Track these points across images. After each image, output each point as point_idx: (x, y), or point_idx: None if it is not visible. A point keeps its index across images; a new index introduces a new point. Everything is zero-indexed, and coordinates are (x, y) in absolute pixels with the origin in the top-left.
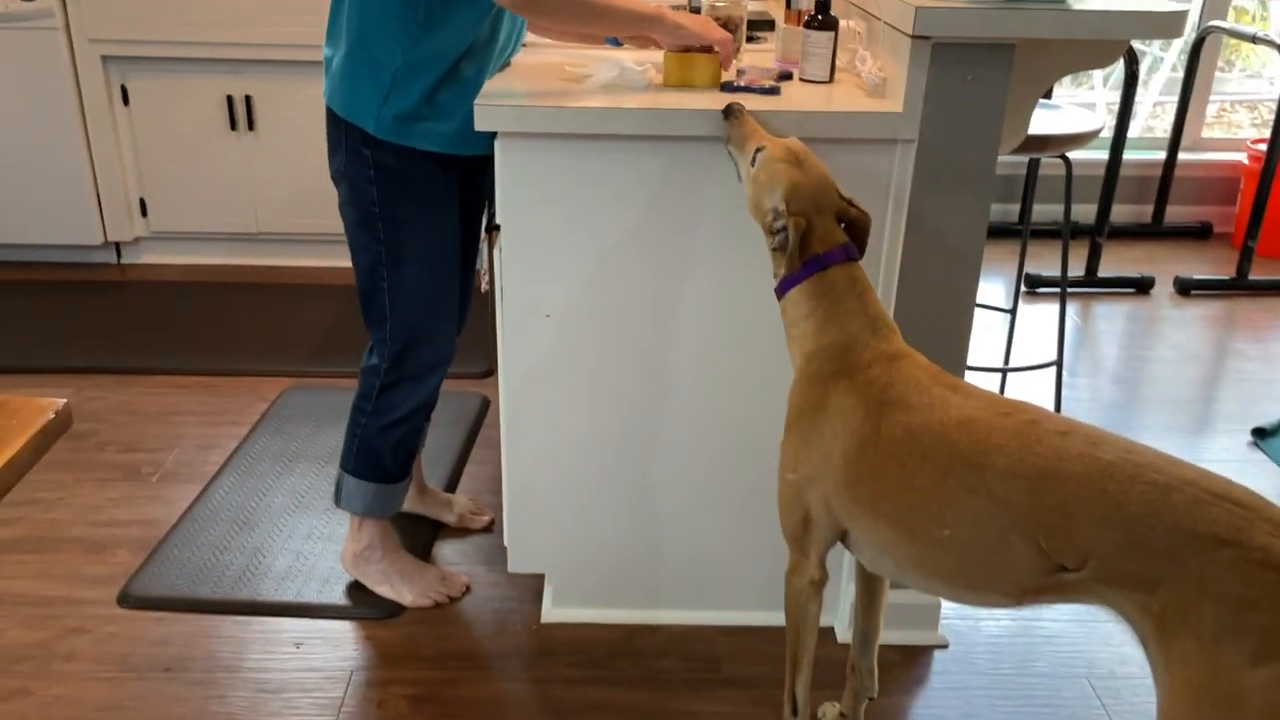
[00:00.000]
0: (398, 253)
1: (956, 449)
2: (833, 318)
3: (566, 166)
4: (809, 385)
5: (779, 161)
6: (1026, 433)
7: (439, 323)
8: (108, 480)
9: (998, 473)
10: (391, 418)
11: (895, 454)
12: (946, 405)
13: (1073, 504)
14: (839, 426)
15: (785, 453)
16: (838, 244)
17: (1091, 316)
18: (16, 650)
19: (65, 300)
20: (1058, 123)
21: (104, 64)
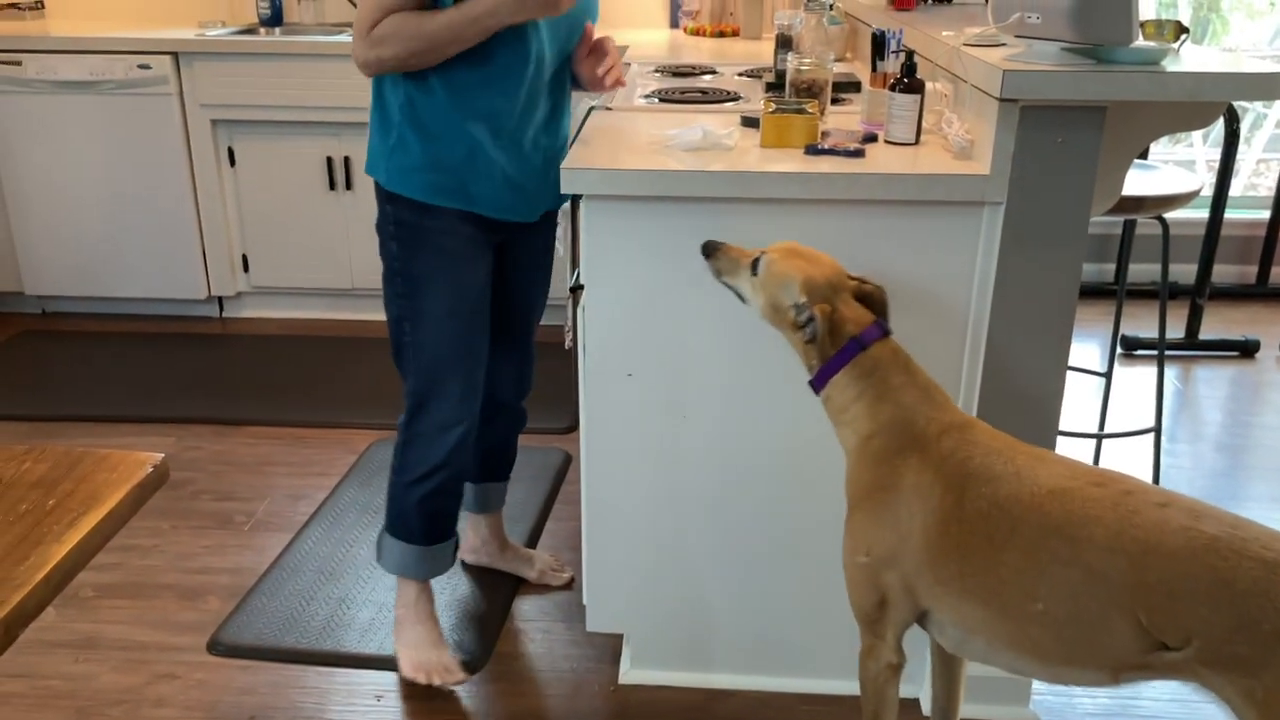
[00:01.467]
0: (416, 308)
1: (1049, 520)
2: (885, 394)
3: (650, 228)
4: (875, 465)
5: (784, 260)
6: (1123, 504)
7: (452, 382)
8: (202, 528)
9: (1095, 546)
10: (410, 476)
11: (982, 528)
12: (1035, 475)
13: (1177, 581)
14: (916, 504)
15: (854, 536)
16: (869, 322)
17: (1192, 380)
18: (110, 694)
19: (170, 352)
20: (1154, 184)
21: (213, 127)
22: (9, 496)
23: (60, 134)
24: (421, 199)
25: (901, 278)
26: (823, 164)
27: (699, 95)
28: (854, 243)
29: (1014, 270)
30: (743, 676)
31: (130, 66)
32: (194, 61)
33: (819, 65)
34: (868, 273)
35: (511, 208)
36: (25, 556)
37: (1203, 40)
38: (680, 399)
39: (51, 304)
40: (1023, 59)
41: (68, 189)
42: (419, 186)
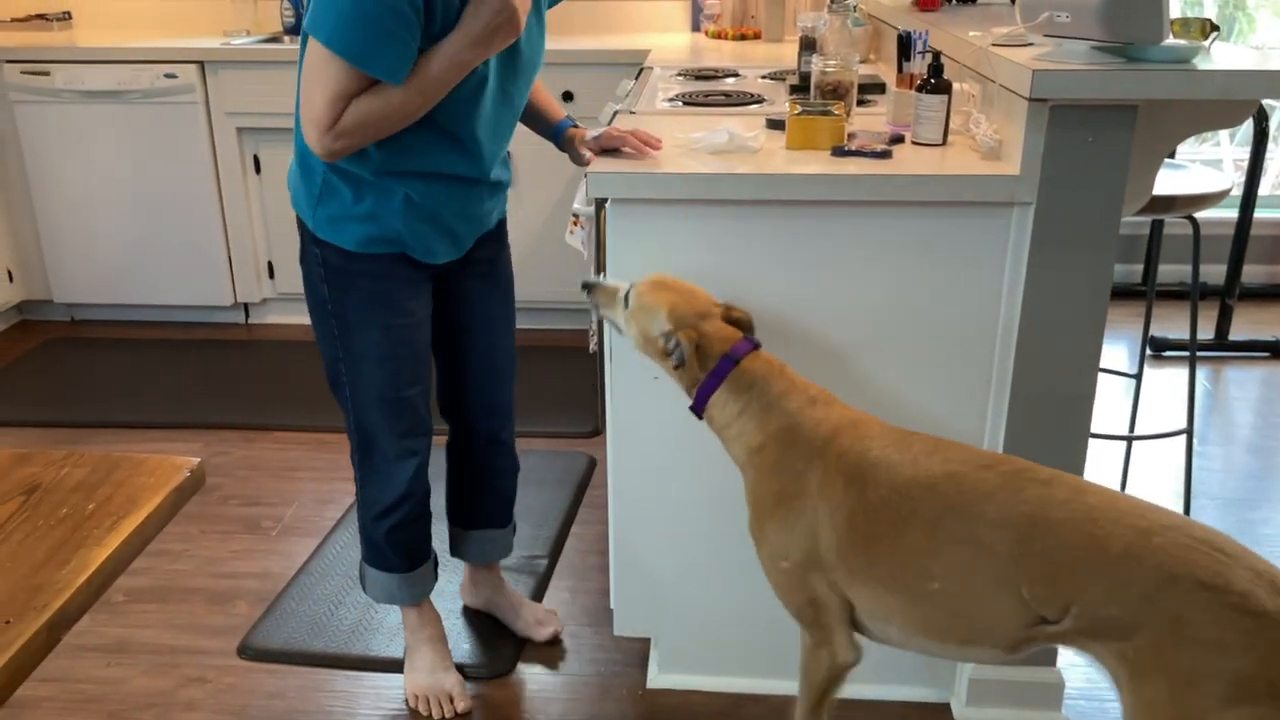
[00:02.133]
0: (350, 351)
1: (944, 500)
2: (769, 405)
3: (676, 232)
4: (772, 474)
5: (648, 292)
6: (1012, 482)
7: (395, 420)
8: (230, 533)
9: (986, 521)
10: (374, 511)
11: (885, 515)
12: (930, 461)
13: (1057, 551)
14: (822, 505)
15: (770, 544)
16: (738, 338)
17: (1222, 382)
18: (141, 698)
19: (197, 358)
20: (1184, 183)
21: (238, 135)
22: (48, 501)
23: (88, 143)
24: (353, 249)
25: (930, 280)
26: (850, 165)
27: (722, 98)
28: (882, 245)
29: (1044, 271)
30: (771, 681)
31: (156, 76)
32: (219, 70)
33: (844, 67)
34: (890, 280)
35: (448, 251)
36: (66, 560)
37: (1229, 38)
38: None
39: (80, 311)
40: (1052, 58)
41: (95, 198)
42: (350, 237)
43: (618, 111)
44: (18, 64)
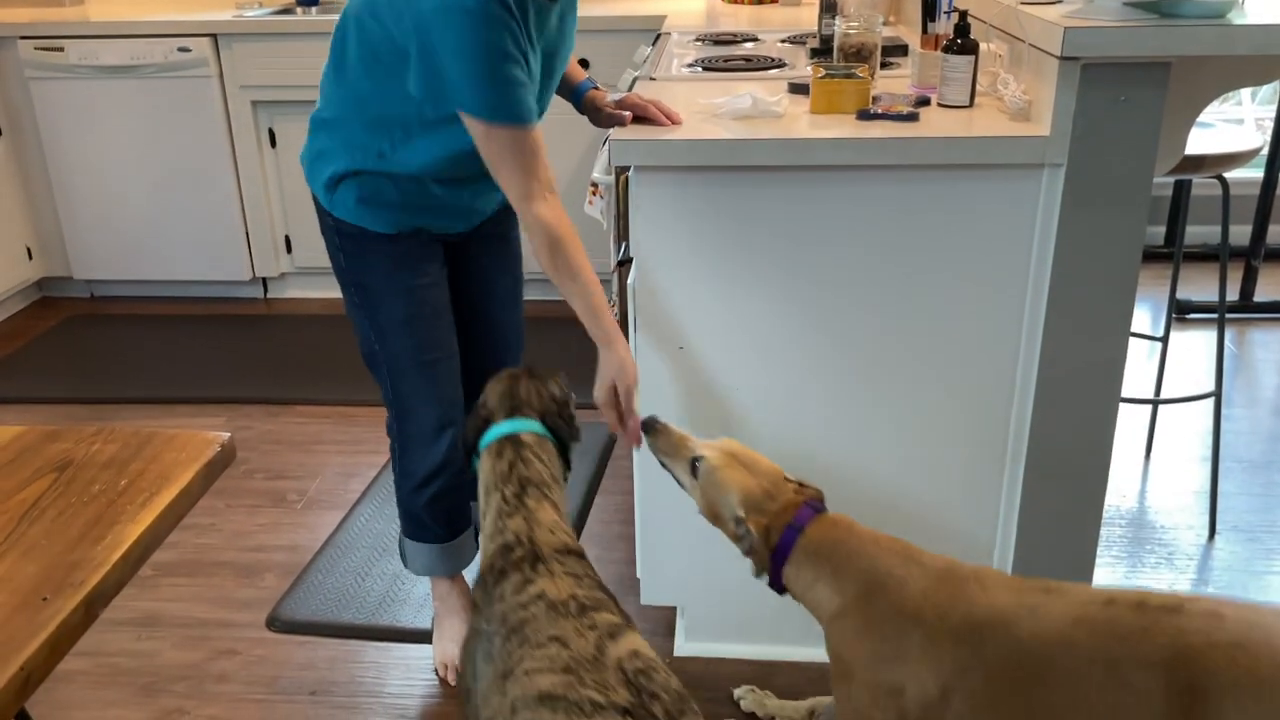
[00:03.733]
0: (377, 318)
1: (1081, 650)
2: (844, 565)
3: (701, 199)
4: (862, 639)
5: (722, 470)
6: (1140, 617)
7: (429, 385)
8: (257, 507)
9: (1132, 664)
10: (415, 481)
11: (1011, 674)
12: (1048, 606)
13: (1203, 679)
14: (927, 673)
15: (860, 703)
16: (799, 504)
17: (1248, 344)
18: (173, 670)
19: (217, 333)
20: (1213, 142)
21: (253, 108)
22: (81, 478)
23: (103, 119)
24: (365, 227)
25: (958, 244)
26: (876, 129)
27: (742, 63)
28: (909, 209)
29: (1075, 233)
30: (799, 649)
31: (170, 50)
32: (233, 43)
33: (867, 29)
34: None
35: (464, 226)
36: (102, 536)
37: None
38: (731, 371)
39: (99, 288)
40: (1083, 15)
41: (112, 173)
42: (366, 218)
43: (637, 78)
44: (32, 40)
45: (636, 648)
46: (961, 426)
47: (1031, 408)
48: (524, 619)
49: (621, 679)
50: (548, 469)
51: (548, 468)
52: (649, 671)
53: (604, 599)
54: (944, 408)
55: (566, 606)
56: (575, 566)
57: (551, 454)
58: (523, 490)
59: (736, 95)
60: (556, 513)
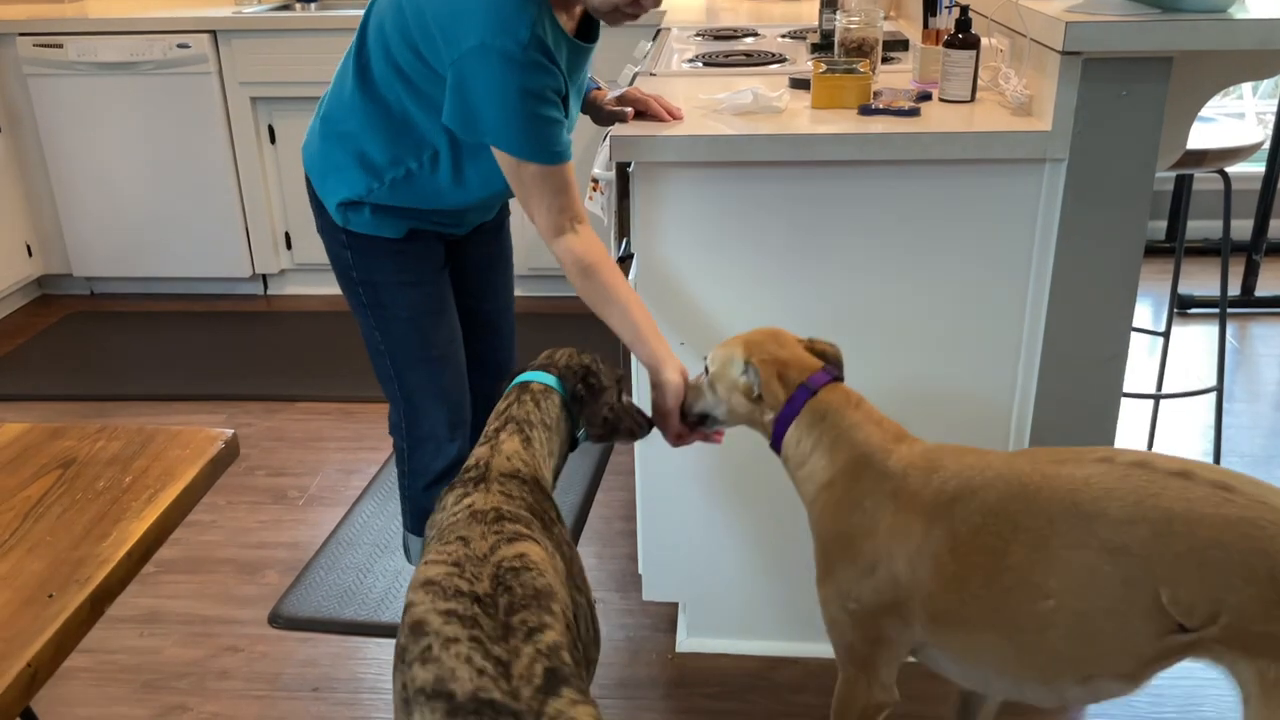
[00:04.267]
0: (384, 314)
1: (1057, 503)
2: (839, 438)
3: (702, 195)
4: (842, 512)
5: (723, 346)
6: (1136, 475)
7: (444, 381)
8: (258, 504)
9: (1111, 520)
10: (427, 478)
11: (978, 544)
12: (1018, 469)
13: (1208, 550)
14: (897, 547)
15: (837, 584)
16: (817, 368)
17: (1249, 338)
18: (175, 667)
19: (217, 330)
20: (1214, 137)
21: (253, 105)
22: (85, 475)
23: (102, 115)
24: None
25: (960, 239)
26: (878, 124)
27: (743, 58)
28: (911, 204)
29: (1077, 229)
30: (801, 644)
31: (169, 46)
32: (232, 39)
33: (868, 24)
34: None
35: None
36: (106, 533)
37: None
38: None
39: (99, 285)
40: (1084, 10)
41: (111, 170)
42: (379, 227)
43: (637, 74)
44: (30, 36)
45: (525, 551)
46: (963, 423)
47: (1034, 403)
48: (450, 524)
49: (492, 573)
50: (538, 412)
51: (539, 411)
52: (520, 570)
53: (526, 516)
54: (946, 404)
55: (485, 515)
56: (513, 488)
57: (552, 404)
58: (503, 426)
59: (737, 91)
60: (522, 445)
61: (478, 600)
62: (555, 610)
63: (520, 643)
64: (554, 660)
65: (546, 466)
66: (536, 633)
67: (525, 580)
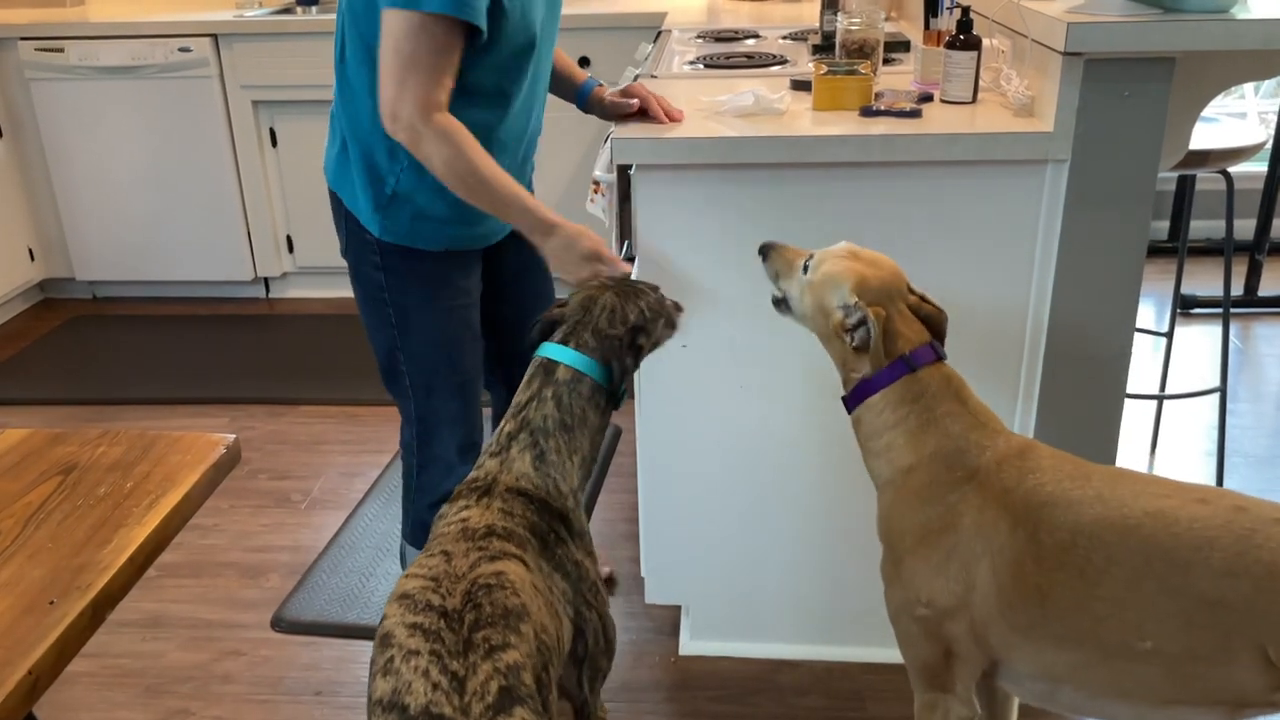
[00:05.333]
0: (410, 337)
1: (1153, 546)
2: (929, 423)
3: (704, 197)
4: (921, 503)
5: (838, 259)
6: (1237, 521)
7: (462, 408)
8: (261, 507)
9: (1212, 570)
10: (434, 497)
11: (1067, 562)
12: (1120, 495)
13: None
14: (980, 546)
15: (906, 586)
16: (923, 342)
17: (1252, 338)
18: (178, 671)
19: (219, 333)
20: (1217, 137)
21: (254, 108)
22: (86, 480)
23: (104, 119)
24: (418, 247)
25: (962, 240)
26: (879, 125)
27: (744, 60)
28: (913, 205)
29: (1079, 230)
30: (805, 646)
31: (171, 50)
32: (233, 43)
33: (869, 25)
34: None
35: (500, 231)
36: (108, 540)
37: None
38: (736, 370)
39: (101, 289)
40: (1086, 10)
41: (113, 174)
42: (416, 237)
43: (638, 75)
44: (32, 40)
45: (504, 570)
46: None
47: (1037, 404)
48: (439, 535)
49: (466, 589)
50: (559, 414)
51: (561, 413)
52: (493, 588)
53: (521, 535)
54: None
55: (476, 532)
56: (516, 505)
57: (581, 395)
58: (518, 432)
59: (739, 93)
60: (534, 463)
61: (445, 615)
62: (523, 631)
63: (479, 659)
64: (511, 679)
65: (566, 472)
66: (498, 651)
67: (496, 599)
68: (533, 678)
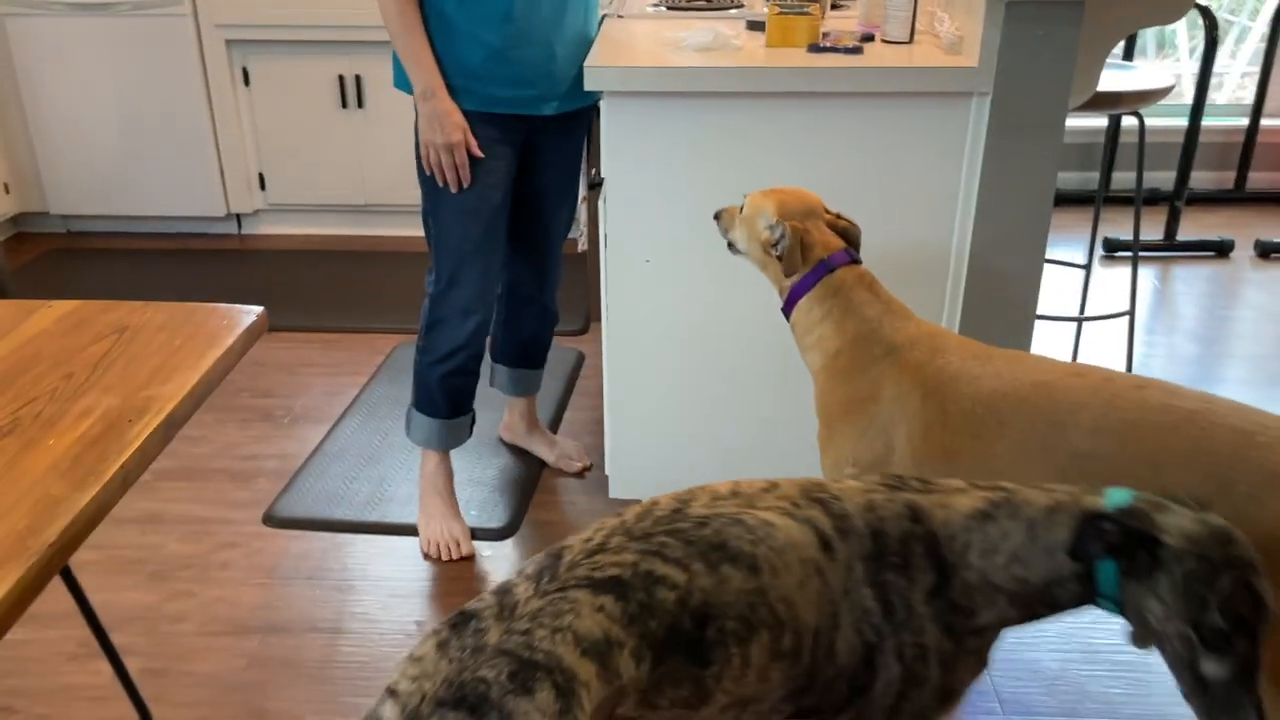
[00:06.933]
0: (435, 197)
1: (1038, 411)
2: (849, 311)
3: (667, 123)
4: (848, 379)
5: (761, 196)
6: (1104, 389)
7: (471, 273)
8: (247, 421)
9: (1082, 429)
10: (434, 356)
11: (969, 427)
12: (1014, 372)
13: (1160, 454)
14: (898, 413)
15: (838, 450)
16: (838, 248)
17: (1170, 279)
18: (178, 560)
19: (194, 267)
20: (1131, 81)
21: (227, 48)
22: (140, 338)
23: (79, 56)
24: (459, 105)
25: (898, 165)
26: (825, 60)
27: (704, 3)
28: (855, 134)
29: (999, 155)
30: None
31: None
32: None
33: None
34: (860, 177)
35: (530, 103)
36: (169, 379)
37: None
38: (695, 281)
39: (76, 223)
40: None
41: (87, 109)
42: (452, 91)
43: (605, 15)
44: None
45: (774, 523)
46: None
47: (960, 315)
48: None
49: (700, 514)
50: (1042, 521)
51: (1040, 527)
52: (728, 524)
53: (857, 527)
54: None
55: (808, 486)
56: (891, 510)
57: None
58: (994, 494)
59: (699, 30)
60: (975, 519)
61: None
62: (725, 573)
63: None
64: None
65: (991, 556)
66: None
67: (720, 529)
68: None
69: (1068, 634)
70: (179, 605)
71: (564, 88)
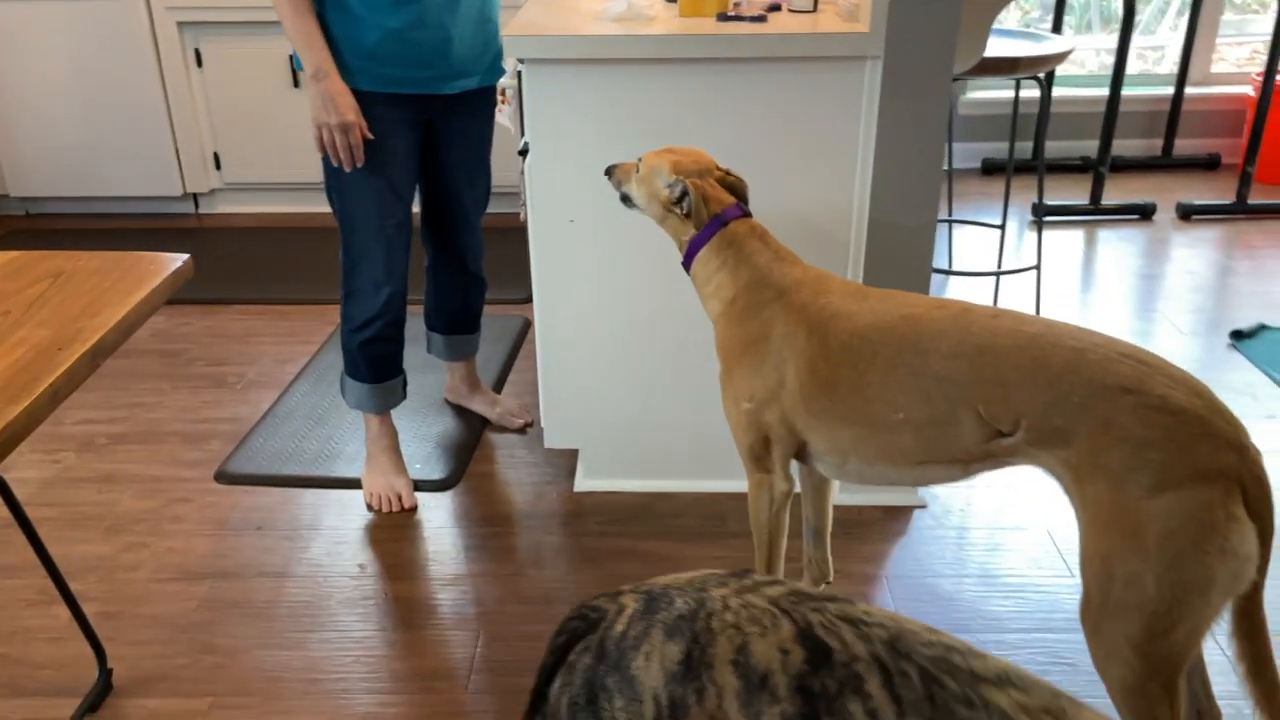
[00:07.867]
0: (336, 176)
1: (904, 340)
2: (742, 260)
3: (584, 90)
4: (743, 322)
5: (656, 156)
6: (962, 319)
7: (378, 248)
8: (200, 388)
9: (941, 355)
10: (353, 325)
11: (846, 359)
12: (885, 307)
13: (1007, 372)
14: (787, 350)
15: (736, 387)
16: (730, 203)
17: (1094, 240)
18: (133, 514)
19: (151, 246)
20: (1031, 48)
21: (179, 30)
22: (74, 282)
23: (32, 38)
24: (360, 88)
25: (800, 127)
26: (732, 28)
27: None
28: (760, 98)
29: (892, 117)
30: (682, 481)
31: None
32: None
33: None
34: (756, 142)
35: (429, 83)
36: (98, 313)
37: None
38: (617, 238)
39: (35, 205)
40: None
41: (43, 94)
42: (350, 75)
43: None
44: None
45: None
46: None
47: (864, 270)
48: None
49: None
50: None
51: None
52: None
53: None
54: None
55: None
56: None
57: None
58: None
59: (615, 1)
60: None
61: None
62: None
63: None
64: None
65: None
66: None
67: None
68: None
69: (964, 559)
70: (133, 555)
71: (463, 67)
